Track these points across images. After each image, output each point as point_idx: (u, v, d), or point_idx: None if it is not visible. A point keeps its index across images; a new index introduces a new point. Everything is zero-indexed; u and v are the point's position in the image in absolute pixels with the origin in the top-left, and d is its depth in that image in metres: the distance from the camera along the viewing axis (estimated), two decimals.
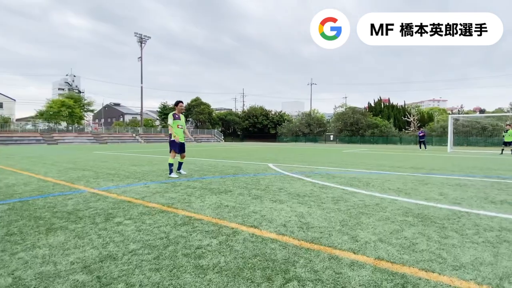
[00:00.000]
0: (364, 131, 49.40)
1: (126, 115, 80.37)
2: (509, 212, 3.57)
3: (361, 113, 52.06)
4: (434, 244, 2.52)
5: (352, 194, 4.70)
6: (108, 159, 11.56)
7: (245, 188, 5.10)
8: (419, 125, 50.01)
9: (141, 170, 7.82)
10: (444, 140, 39.75)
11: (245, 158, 12.14)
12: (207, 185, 5.41)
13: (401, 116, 54.58)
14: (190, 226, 2.99)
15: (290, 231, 2.82)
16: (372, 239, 2.64)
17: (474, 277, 1.93)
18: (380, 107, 59.73)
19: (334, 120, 55.63)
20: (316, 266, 2.08)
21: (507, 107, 57.70)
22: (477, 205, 3.97)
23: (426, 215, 3.42)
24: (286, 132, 59.73)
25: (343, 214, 3.47)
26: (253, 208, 3.69)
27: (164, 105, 63.74)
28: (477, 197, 4.47)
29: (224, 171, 7.58)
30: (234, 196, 4.47)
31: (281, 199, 4.28)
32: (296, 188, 5.21)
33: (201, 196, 4.43)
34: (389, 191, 4.98)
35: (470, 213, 3.52)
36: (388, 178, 6.56)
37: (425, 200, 4.24)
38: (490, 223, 3.11)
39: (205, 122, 63.40)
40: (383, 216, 3.37)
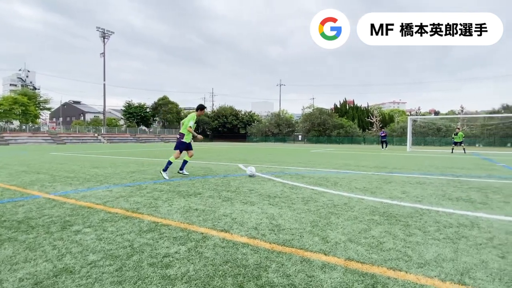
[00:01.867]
0: (331, 131, 51.02)
1: (87, 113, 75.94)
2: (464, 209, 3.82)
3: (328, 114, 53.73)
4: (400, 242, 2.61)
5: (321, 194, 4.77)
6: (66, 161, 10.80)
7: (215, 190, 4.99)
8: (381, 126, 52.62)
9: (103, 173, 7.38)
10: (403, 140, 42.20)
11: (215, 159, 11.96)
12: (175, 188, 5.22)
13: (365, 117, 57.12)
14: (156, 232, 2.84)
15: (261, 234, 2.78)
16: (342, 239, 2.67)
17: (438, 274, 2.01)
18: (345, 108, 62.05)
19: (302, 120, 56.84)
20: (288, 270, 2.05)
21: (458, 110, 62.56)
22: (436, 202, 4.20)
23: (391, 213, 3.55)
24: (256, 132, 60.00)
25: (313, 214, 3.50)
26: (223, 211, 3.60)
27: (129, 104, 61.18)
28: (436, 195, 4.74)
29: (193, 173, 7.39)
30: (203, 198, 4.34)
31: (252, 200, 4.23)
32: (267, 189, 5.19)
33: (169, 200, 4.25)
34: (356, 190, 5.13)
35: (430, 211, 3.72)
36: (354, 177, 6.78)
37: (389, 199, 4.41)
38: (449, 220, 3.30)
39: (173, 122, 61.79)
40: (351, 216, 3.45)
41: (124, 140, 47.31)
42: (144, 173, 7.26)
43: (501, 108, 43.92)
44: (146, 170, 7.87)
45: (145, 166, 9.10)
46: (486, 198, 4.53)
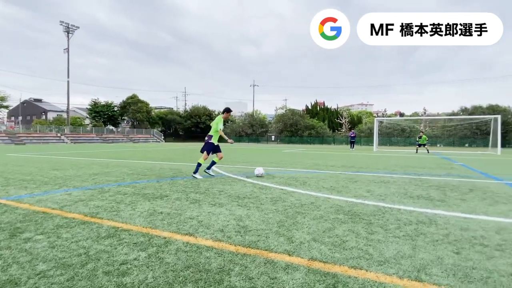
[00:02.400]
0: (302, 132, 52.02)
1: (49, 112, 71.52)
2: (424, 206, 4.01)
3: (300, 115, 54.75)
4: (362, 240, 2.67)
5: (290, 194, 4.81)
6: (24, 162, 10.06)
7: (183, 192, 4.86)
8: (350, 127, 54.50)
9: (63, 175, 6.95)
10: (371, 140, 43.95)
11: (186, 160, 11.72)
12: (140, 190, 5.02)
13: (335, 118, 58.86)
14: (115, 238, 2.69)
15: (227, 237, 2.72)
16: (306, 239, 2.69)
17: (396, 271, 2.07)
18: (316, 110, 63.56)
19: (275, 121, 57.48)
20: (251, 272, 2.02)
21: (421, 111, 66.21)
22: (398, 200, 4.38)
23: (355, 212, 3.64)
24: (229, 132, 59.69)
25: (280, 214, 3.50)
26: (190, 214, 3.50)
27: (96, 102, 58.51)
28: (398, 193, 4.94)
29: (161, 174, 7.17)
30: (170, 201, 4.21)
31: (220, 202, 4.16)
32: (237, 190, 5.14)
33: (132, 203, 4.07)
34: (323, 189, 5.23)
35: (392, 209, 3.86)
36: (322, 177, 6.92)
37: (354, 197, 4.53)
38: (409, 217, 3.44)
39: (143, 121, 59.89)
40: (317, 215, 3.49)
41: (90, 141, 45.13)
42: (108, 175, 6.93)
43: (460, 110, 47.05)
44: (111, 172, 7.52)
45: (110, 167, 8.70)
46: (444, 195, 4.80)
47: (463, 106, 47.18)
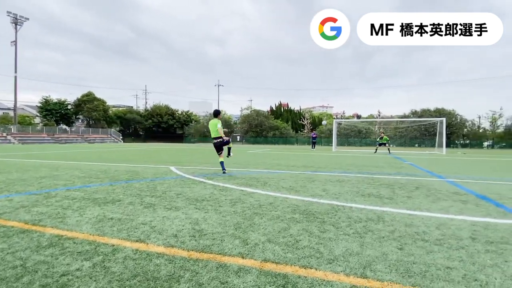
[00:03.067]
0: (267, 132, 52.69)
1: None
2: (374, 204, 4.25)
3: (264, 116, 55.40)
4: (315, 239, 2.75)
5: (250, 194, 4.82)
6: None
7: (137, 196, 4.65)
8: (311, 128, 56.27)
9: (5, 179, 6.33)
10: (331, 141, 45.78)
11: (144, 161, 11.27)
12: (91, 195, 4.72)
13: (297, 119, 60.41)
14: (58, 247, 2.50)
15: (180, 242, 2.65)
16: (261, 240, 2.71)
17: (343, 269, 2.16)
18: (280, 111, 64.74)
19: (241, 121, 57.54)
20: (202, 278, 1.98)
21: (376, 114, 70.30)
22: (351, 199, 4.59)
23: (310, 211, 3.75)
24: (193, 132, 58.62)
25: (238, 216, 3.50)
26: (142, 219, 3.36)
27: (47, 100, 54.18)
28: (351, 192, 5.19)
29: (115, 177, 6.81)
30: (122, 206, 4.01)
31: (177, 205, 4.05)
32: (196, 192, 5.05)
33: (81, 209, 3.81)
34: (282, 189, 5.32)
35: (345, 207, 4.04)
36: (283, 177, 7.05)
37: (311, 197, 4.67)
38: (360, 215, 3.62)
39: (99, 121, 56.61)
40: (274, 215, 3.54)
41: (40, 141, 41.67)
42: (57, 179, 6.44)
43: (411, 113, 50.66)
44: (60, 175, 6.99)
45: (59, 170, 8.09)
46: (393, 193, 5.12)
47: (413, 109, 50.89)
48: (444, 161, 14.04)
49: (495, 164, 12.43)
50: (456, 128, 44.17)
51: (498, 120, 46.71)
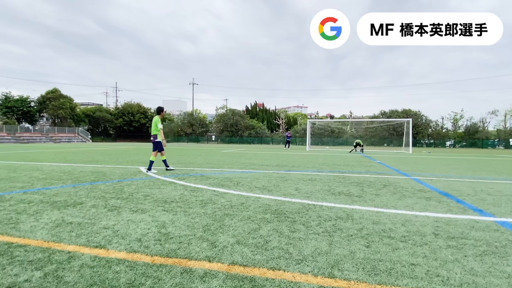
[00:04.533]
0: (243, 132, 52.62)
1: None
2: (343, 202, 4.31)
3: (240, 115, 55.26)
4: (284, 239, 2.72)
5: (222, 195, 4.73)
6: None
7: (102, 199, 4.41)
8: (286, 128, 56.95)
9: None
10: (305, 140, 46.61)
11: (113, 162, 10.78)
12: (50, 198, 4.41)
13: (273, 119, 60.89)
14: (6, 257, 2.27)
15: (144, 247, 2.52)
16: (230, 242, 2.64)
17: (312, 269, 2.14)
18: (256, 111, 64.96)
19: (216, 121, 57.01)
20: (164, 285, 1.88)
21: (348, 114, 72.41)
22: (322, 197, 4.64)
23: (281, 211, 3.73)
24: (167, 131, 57.22)
25: (208, 218, 3.40)
26: (105, 223, 3.17)
27: (7, 96, 50.68)
28: (322, 190, 5.24)
29: (80, 179, 6.44)
30: (84, 209, 3.76)
31: (144, 208, 3.87)
32: (165, 193, 4.87)
33: (37, 213, 3.53)
34: (255, 189, 5.28)
35: (315, 205, 4.06)
36: (256, 176, 7.01)
37: (283, 196, 4.66)
38: (329, 213, 3.65)
39: (66, 119, 53.78)
40: (245, 216, 3.48)
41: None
42: (14, 181, 5.98)
43: (380, 114, 52.69)
44: (18, 177, 6.50)
45: (18, 171, 7.52)
46: (362, 191, 5.24)
47: (382, 110, 52.98)
48: (410, 159, 14.69)
49: (457, 162, 13.19)
50: (421, 128, 46.52)
51: (460, 121, 49.82)
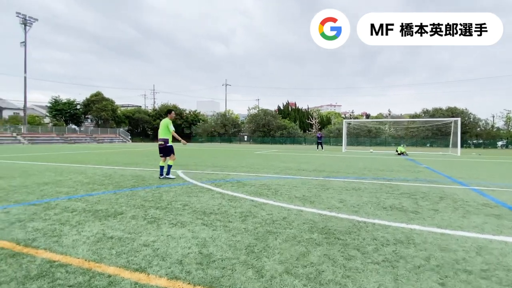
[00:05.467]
0: (275, 132, 52.29)
1: (5, 110, 65.83)
2: (399, 220, 3.86)
3: (272, 115, 54.99)
4: (340, 270, 2.39)
5: (261, 206, 4.48)
6: None
7: (141, 208, 4.36)
8: (319, 127, 55.66)
9: (7, 186, 6.12)
10: (339, 140, 45.14)
11: (151, 164, 11.02)
12: (92, 206, 4.44)
13: (305, 119, 59.82)
14: (47, 279, 2.19)
15: (186, 272, 2.33)
16: (278, 270, 2.36)
17: None
18: (288, 110, 64.27)
19: (248, 121, 57.26)
20: None
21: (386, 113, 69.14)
22: (372, 212, 4.21)
23: (329, 229, 3.38)
24: (201, 132, 58.65)
25: (250, 235, 3.16)
26: (145, 239, 3.05)
27: (56, 100, 54.85)
28: (371, 203, 4.79)
29: (120, 183, 6.55)
30: (124, 220, 3.71)
31: (183, 220, 3.73)
32: (203, 202, 4.73)
33: (80, 224, 3.52)
34: (295, 200, 4.96)
35: (367, 223, 3.66)
36: (294, 183, 6.68)
37: (327, 210, 4.30)
38: (386, 235, 3.24)
39: (108, 120, 57.02)
40: (290, 235, 3.19)
41: (49, 141, 42.09)
42: (60, 185, 6.21)
43: (422, 112, 49.63)
44: (63, 181, 6.77)
45: (64, 175, 7.88)
46: (416, 205, 4.72)
47: (424, 108, 49.85)
48: (460, 163, 13.46)
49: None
50: (469, 127, 43.06)
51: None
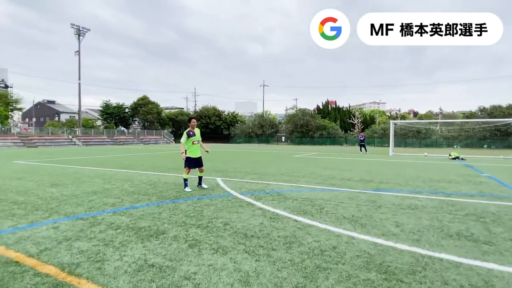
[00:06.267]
0: (314, 132, 51.04)
1: (62, 114, 72.73)
2: (470, 254, 3.28)
3: (311, 115, 53.75)
4: None
5: (306, 229, 4.15)
6: (25, 174, 9.70)
7: (183, 226, 4.26)
8: (362, 127, 53.23)
9: (60, 195, 6.47)
10: (384, 141, 42.73)
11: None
12: (136, 222, 4.45)
13: (347, 118, 57.56)
14: None
15: None
16: None
17: None
18: (328, 109, 62.42)
19: (286, 121, 56.62)
20: None
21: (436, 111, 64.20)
22: (436, 242, 3.66)
23: (389, 267, 2.95)
24: (239, 133, 59.29)
25: (297, 271, 2.85)
26: (186, 269, 2.89)
27: (107, 104, 58.98)
28: (433, 228, 4.21)
29: (163, 193, 6.60)
30: (166, 242, 3.61)
31: (224, 245, 3.53)
32: (244, 221, 4.52)
33: (122, 246, 3.49)
34: (344, 221, 4.54)
35: (433, 259, 3.15)
36: (340, 198, 6.22)
37: (383, 237, 3.84)
38: (458, 277, 2.74)
39: (153, 122, 60.02)
40: (342, 272, 2.83)
41: (101, 143, 45.35)
42: (107, 195, 6.42)
43: (478, 110, 45.25)
44: (111, 190, 7.01)
45: (112, 182, 8.21)
46: (488, 232, 4.05)
47: (481, 106, 45.37)
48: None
49: None
50: None
51: None
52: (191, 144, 7.08)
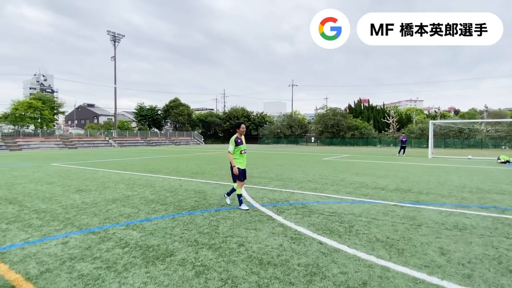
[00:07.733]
0: (345, 133, 49.27)
1: (100, 116, 77.00)
2: None
3: (342, 115, 51.95)
4: None
5: (332, 255, 3.60)
6: (57, 178, 10.00)
7: (194, 246, 3.89)
8: (398, 127, 50.48)
9: (80, 203, 6.45)
10: (422, 142, 40.14)
11: (216, 174, 10.89)
12: (146, 239, 4.16)
13: (381, 117, 54.97)
14: None
15: None
16: None
17: None
18: (360, 109, 60.06)
19: (315, 121, 55.22)
20: None
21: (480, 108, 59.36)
22: (494, 281, 2.95)
23: None
24: (267, 133, 58.87)
25: None
26: None
27: (141, 106, 61.35)
28: (487, 259, 3.48)
29: (181, 203, 6.33)
30: (171, 268, 3.25)
31: (235, 275, 3.11)
32: (262, 241, 4.07)
33: (125, 270, 3.18)
34: (377, 245, 3.93)
35: None
36: (373, 213, 5.55)
37: (425, 269, 3.19)
38: None
39: (184, 124, 61.45)
40: None
41: (135, 144, 47.13)
42: (126, 203, 6.28)
43: None
44: (130, 198, 6.88)
45: (134, 188, 8.13)
46: None
47: None
48: None
49: None
50: None
51: None
52: (238, 153, 6.01)
